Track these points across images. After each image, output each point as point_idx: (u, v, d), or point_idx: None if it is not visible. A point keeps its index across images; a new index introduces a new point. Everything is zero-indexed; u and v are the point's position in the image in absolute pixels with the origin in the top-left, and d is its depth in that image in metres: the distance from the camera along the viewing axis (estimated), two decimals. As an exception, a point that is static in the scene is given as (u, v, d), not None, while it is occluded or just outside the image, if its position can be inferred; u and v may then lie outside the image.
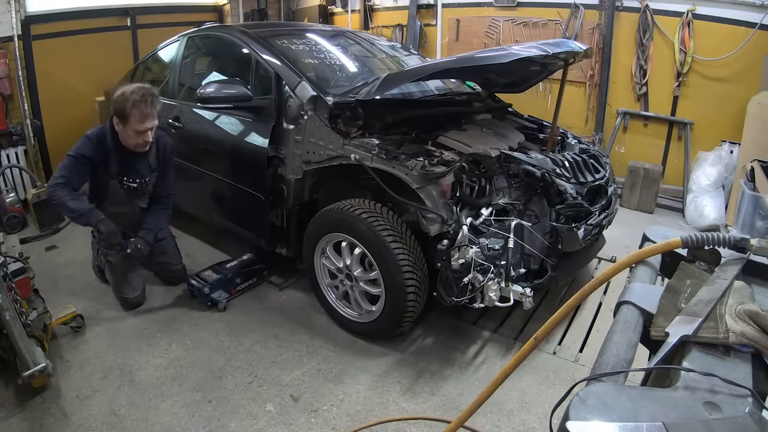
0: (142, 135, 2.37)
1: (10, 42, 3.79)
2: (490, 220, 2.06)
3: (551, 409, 0.86)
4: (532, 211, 2.21)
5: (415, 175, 2.07)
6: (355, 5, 5.69)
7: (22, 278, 2.22)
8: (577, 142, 2.81)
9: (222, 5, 5.49)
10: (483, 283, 1.95)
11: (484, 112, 2.94)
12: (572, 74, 4.44)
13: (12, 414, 1.91)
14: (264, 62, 2.67)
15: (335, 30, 3.73)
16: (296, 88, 2.49)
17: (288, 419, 1.90)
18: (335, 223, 2.27)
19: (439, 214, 2.03)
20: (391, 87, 2.28)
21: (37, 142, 4.14)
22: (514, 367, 1.16)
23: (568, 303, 1.08)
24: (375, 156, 2.17)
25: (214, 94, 2.52)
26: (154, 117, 2.39)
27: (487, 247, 1.99)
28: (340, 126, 2.35)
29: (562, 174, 2.27)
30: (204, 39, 3.31)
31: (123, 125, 2.34)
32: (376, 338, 2.37)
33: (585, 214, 2.31)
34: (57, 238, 3.56)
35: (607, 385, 0.73)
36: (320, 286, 2.50)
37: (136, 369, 2.18)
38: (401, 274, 2.08)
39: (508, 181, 2.18)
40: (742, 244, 0.99)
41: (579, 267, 2.58)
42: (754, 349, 0.77)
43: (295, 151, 2.45)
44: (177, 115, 3.07)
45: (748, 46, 3.68)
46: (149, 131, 2.39)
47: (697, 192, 3.84)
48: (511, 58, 1.99)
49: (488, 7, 4.84)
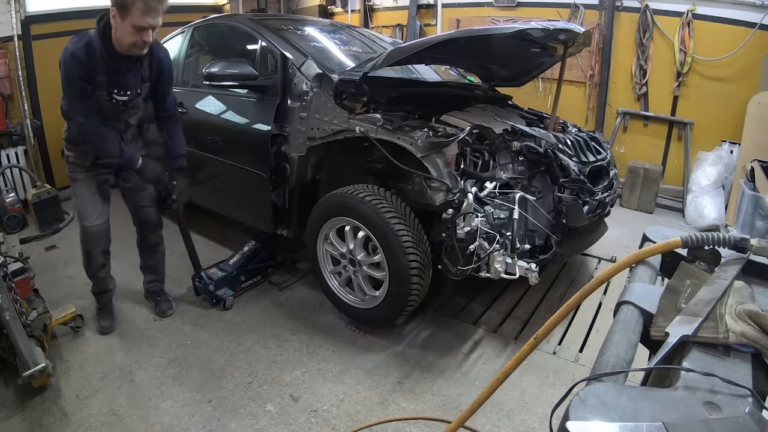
0: (141, 33, 2.00)
1: (10, 42, 3.80)
2: (494, 192, 2.07)
3: (551, 409, 0.86)
4: (536, 187, 2.23)
5: (420, 145, 2.10)
6: (355, 5, 5.70)
7: (22, 278, 2.22)
8: (578, 131, 2.83)
9: (222, 5, 5.49)
10: (489, 251, 1.96)
11: (485, 101, 2.98)
12: (572, 74, 4.46)
13: (12, 414, 1.91)
14: (270, 44, 2.73)
15: (339, 24, 3.80)
16: (302, 66, 2.53)
17: (288, 419, 1.90)
18: (339, 206, 2.30)
19: (444, 182, 2.05)
20: (397, 58, 2.31)
21: (37, 142, 4.14)
22: (514, 367, 1.16)
23: (568, 303, 1.07)
24: (380, 128, 2.20)
25: (219, 72, 2.55)
26: (158, 14, 2.04)
27: (492, 216, 2.00)
28: (345, 102, 2.39)
29: (565, 150, 2.29)
30: (210, 28, 3.37)
31: (121, 18, 1.96)
32: (380, 324, 2.39)
33: (588, 192, 2.33)
34: (57, 238, 3.56)
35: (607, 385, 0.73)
36: (323, 273, 2.52)
37: (136, 369, 2.18)
38: (405, 256, 2.09)
39: (511, 156, 2.20)
40: (742, 244, 0.99)
41: (583, 247, 2.61)
42: (754, 349, 0.77)
43: (299, 128, 2.48)
44: (180, 101, 3.10)
45: (748, 46, 3.69)
46: (150, 30, 2.02)
47: (697, 192, 3.84)
48: (514, 29, 2.06)
49: (488, 7, 4.85)
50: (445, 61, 3.22)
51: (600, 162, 2.49)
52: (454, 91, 3.03)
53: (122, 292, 2.80)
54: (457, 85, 3.20)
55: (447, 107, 2.60)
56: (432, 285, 2.29)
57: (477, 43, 2.42)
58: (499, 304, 2.66)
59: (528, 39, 2.28)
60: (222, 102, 2.91)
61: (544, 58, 2.86)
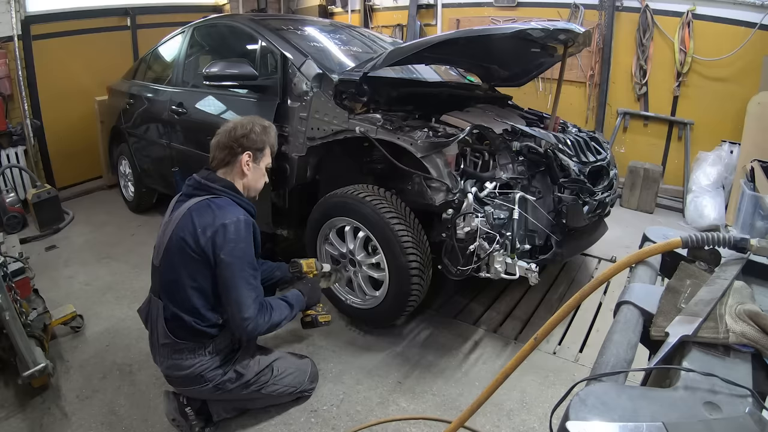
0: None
1: (10, 42, 3.80)
2: (494, 192, 2.07)
3: (551, 409, 0.86)
4: (536, 187, 2.23)
5: (420, 145, 2.09)
6: (355, 5, 5.70)
7: (22, 278, 2.23)
8: (578, 131, 2.83)
9: (222, 5, 5.49)
10: (489, 251, 1.96)
11: (485, 100, 2.98)
12: (572, 74, 4.46)
13: (12, 414, 1.91)
14: (270, 44, 2.73)
15: (339, 24, 3.80)
16: (302, 66, 2.53)
17: (288, 419, 1.90)
18: (339, 207, 2.30)
19: (444, 182, 2.05)
20: (397, 58, 2.31)
21: (37, 142, 4.15)
22: (514, 367, 1.16)
23: (568, 303, 1.07)
24: (380, 128, 2.20)
25: (219, 72, 2.55)
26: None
27: (492, 216, 2.00)
28: (345, 102, 2.39)
29: (565, 150, 2.29)
30: (210, 28, 3.38)
31: (257, 163, 1.84)
32: (381, 324, 2.39)
33: (588, 192, 2.33)
34: (57, 238, 3.56)
35: (607, 385, 0.73)
36: None
37: (136, 369, 2.18)
38: (405, 256, 2.10)
39: (511, 156, 2.20)
40: (742, 244, 0.99)
41: (583, 247, 2.60)
42: (754, 349, 0.77)
43: (299, 128, 2.47)
44: (181, 101, 3.12)
45: (748, 46, 3.69)
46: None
47: (697, 192, 3.84)
48: (514, 29, 2.05)
49: (488, 7, 4.85)
50: (445, 61, 3.22)
51: (600, 162, 2.50)
52: (454, 91, 3.03)
53: (122, 292, 2.81)
54: (457, 85, 3.20)
55: (447, 107, 2.60)
56: (432, 285, 2.29)
57: (477, 43, 2.42)
58: (499, 304, 2.66)
59: (528, 39, 2.28)
60: (222, 102, 2.91)
61: (544, 58, 2.86)
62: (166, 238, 1.69)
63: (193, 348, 1.70)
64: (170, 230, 1.68)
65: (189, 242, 1.63)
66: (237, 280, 1.64)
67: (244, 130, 1.79)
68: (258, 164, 1.85)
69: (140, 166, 3.76)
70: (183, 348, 1.69)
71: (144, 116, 3.55)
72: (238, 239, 1.65)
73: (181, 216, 1.68)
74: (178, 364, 1.70)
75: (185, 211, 1.68)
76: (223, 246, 1.62)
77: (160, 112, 3.31)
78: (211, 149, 1.82)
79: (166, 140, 3.30)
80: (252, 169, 1.82)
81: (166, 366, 1.73)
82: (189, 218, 1.66)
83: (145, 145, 3.63)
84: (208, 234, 1.62)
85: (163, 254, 1.69)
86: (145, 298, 1.81)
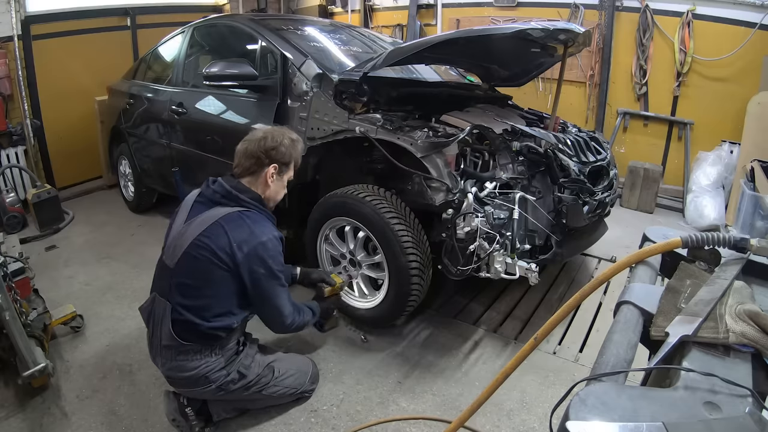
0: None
1: (10, 42, 3.80)
2: (494, 192, 2.07)
3: (551, 409, 0.86)
4: (536, 187, 2.23)
5: (420, 145, 2.10)
6: (355, 5, 5.70)
7: (22, 278, 2.23)
8: (578, 131, 2.83)
9: (222, 5, 5.49)
10: (489, 251, 1.96)
11: (485, 100, 2.98)
12: (572, 74, 4.46)
13: (12, 414, 1.91)
14: (270, 44, 2.73)
15: (339, 24, 3.81)
16: (302, 66, 2.54)
17: (288, 419, 1.90)
18: (339, 207, 2.30)
19: (444, 182, 2.05)
20: (397, 58, 2.31)
21: (37, 142, 4.15)
22: (514, 367, 1.16)
23: (568, 303, 1.08)
24: (380, 128, 2.20)
25: (219, 72, 2.55)
26: None
27: (492, 216, 2.00)
28: (345, 102, 2.39)
29: (565, 150, 2.29)
30: (210, 28, 3.38)
31: (281, 176, 1.84)
32: (381, 325, 2.39)
33: (588, 192, 2.33)
34: (57, 238, 3.56)
35: (607, 385, 0.73)
36: None
37: (136, 369, 2.18)
38: (405, 256, 2.10)
39: (511, 156, 2.20)
40: (742, 244, 0.99)
41: (583, 247, 2.60)
42: (754, 349, 0.77)
43: (299, 128, 2.47)
44: (181, 101, 3.12)
45: (748, 46, 3.69)
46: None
47: (697, 192, 3.84)
48: (514, 29, 2.05)
49: (488, 7, 4.85)
50: (445, 61, 3.22)
51: (600, 162, 2.50)
52: (454, 91, 3.03)
53: (122, 292, 2.81)
54: (457, 85, 3.20)
55: (447, 107, 2.60)
56: (432, 285, 2.29)
57: (477, 43, 2.42)
58: (499, 304, 2.66)
59: (528, 39, 2.28)
60: (222, 102, 2.91)
61: (544, 58, 2.86)
62: (186, 242, 1.66)
63: (199, 349, 1.70)
64: (192, 234, 1.66)
65: (220, 255, 1.63)
66: (276, 290, 1.75)
67: (275, 143, 1.78)
68: (281, 178, 1.85)
69: (140, 166, 3.77)
70: (189, 349, 1.68)
71: (144, 116, 3.55)
72: (276, 254, 1.72)
73: (209, 224, 1.66)
74: (183, 366, 1.69)
75: (214, 221, 1.67)
76: (263, 263, 1.68)
77: (160, 112, 3.31)
78: (237, 155, 1.79)
79: (166, 140, 3.30)
80: (275, 181, 1.82)
81: (168, 367, 1.73)
82: (221, 230, 1.65)
83: (145, 145, 3.63)
84: (245, 250, 1.64)
85: (180, 257, 1.67)
86: (148, 297, 1.80)
